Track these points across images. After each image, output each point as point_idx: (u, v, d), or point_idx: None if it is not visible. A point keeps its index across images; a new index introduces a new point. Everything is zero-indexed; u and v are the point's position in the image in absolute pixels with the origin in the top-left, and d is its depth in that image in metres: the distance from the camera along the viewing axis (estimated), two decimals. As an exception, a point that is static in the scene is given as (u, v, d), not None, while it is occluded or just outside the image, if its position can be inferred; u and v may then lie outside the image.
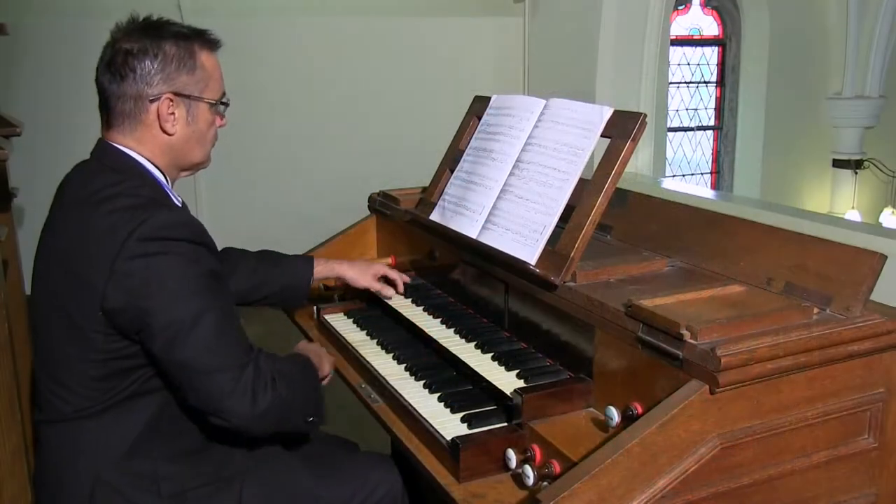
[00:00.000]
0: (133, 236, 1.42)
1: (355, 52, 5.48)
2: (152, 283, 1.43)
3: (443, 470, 1.52)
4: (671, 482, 1.27)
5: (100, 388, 1.51)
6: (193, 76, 1.60)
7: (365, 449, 2.01)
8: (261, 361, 1.52)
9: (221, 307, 1.49)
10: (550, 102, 1.88)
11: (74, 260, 1.48)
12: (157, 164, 1.61)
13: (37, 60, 4.60)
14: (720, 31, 7.34)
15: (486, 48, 5.85)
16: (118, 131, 1.59)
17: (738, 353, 1.27)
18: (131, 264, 1.43)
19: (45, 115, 4.57)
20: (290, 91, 5.35)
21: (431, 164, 2.31)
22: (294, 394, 1.57)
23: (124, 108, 1.57)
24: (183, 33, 1.60)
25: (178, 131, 1.60)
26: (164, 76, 1.56)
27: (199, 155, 1.68)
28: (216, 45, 1.67)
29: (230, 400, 1.46)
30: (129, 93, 1.56)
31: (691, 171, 7.51)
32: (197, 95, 1.61)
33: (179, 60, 1.58)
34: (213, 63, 1.65)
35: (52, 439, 1.57)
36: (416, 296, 2.22)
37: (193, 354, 1.44)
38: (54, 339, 1.53)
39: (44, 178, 4.63)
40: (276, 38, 5.27)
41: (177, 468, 1.57)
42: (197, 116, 1.62)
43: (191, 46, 1.60)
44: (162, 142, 1.60)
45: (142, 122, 1.58)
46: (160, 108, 1.57)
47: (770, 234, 1.61)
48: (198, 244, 1.50)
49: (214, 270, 1.52)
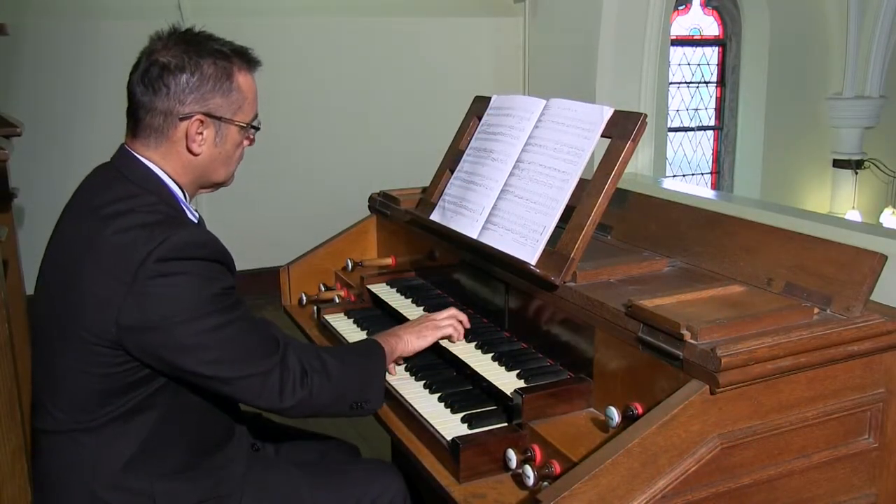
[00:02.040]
0: (152, 256, 1.40)
1: (355, 51, 5.48)
2: (171, 303, 1.42)
3: (443, 470, 1.52)
4: (671, 482, 1.27)
5: (100, 403, 1.49)
6: (228, 98, 1.57)
7: (365, 450, 2.00)
8: (289, 359, 1.53)
9: (239, 318, 1.49)
10: (551, 102, 1.88)
11: (84, 273, 1.45)
12: (178, 181, 1.59)
13: (37, 61, 4.60)
14: (720, 31, 7.34)
15: (487, 49, 5.85)
16: (143, 143, 1.56)
17: (739, 354, 1.27)
18: (151, 283, 1.41)
19: (45, 116, 4.57)
20: (290, 91, 5.35)
21: (432, 164, 2.31)
22: (335, 384, 1.58)
23: (153, 122, 1.54)
24: (223, 52, 1.57)
25: (205, 152, 1.58)
26: (198, 96, 1.53)
27: (223, 175, 1.66)
28: (255, 66, 1.64)
29: (260, 399, 1.50)
30: (160, 108, 1.53)
31: (691, 172, 7.51)
32: (228, 118, 1.58)
33: (216, 81, 1.54)
34: (249, 84, 1.62)
35: (49, 451, 1.55)
36: (417, 296, 2.22)
37: (218, 368, 1.46)
38: (56, 350, 1.51)
39: (44, 178, 4.66)
40: (275, 38, 5.26)
41: (174, 484, 1.55)
42: (226, 138, 1.60)
43: (229, 67, 1.57)
44: (186, 160, 1.57)
45: (168, 138, 1.55)
46: (190, 127, 1.54)
47: (770, 235, 1.61)
48: (214, 262, 1.49)
49: (230, 286, 1.52)
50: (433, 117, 5.41)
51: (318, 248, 2.56)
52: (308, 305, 2.40)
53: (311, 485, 1.71)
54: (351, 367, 1.65)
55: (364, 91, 5.53)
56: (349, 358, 1.68)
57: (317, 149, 5.46)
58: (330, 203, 5.04)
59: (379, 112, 5.59)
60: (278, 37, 5.27)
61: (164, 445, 1.54)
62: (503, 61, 5.89)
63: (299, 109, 5.40)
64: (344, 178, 5.40)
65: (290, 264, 2.53)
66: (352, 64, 5.48)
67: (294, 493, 1.69)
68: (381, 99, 5.58)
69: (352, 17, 5.46)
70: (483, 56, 5.85)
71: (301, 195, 5.42)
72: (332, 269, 2.55)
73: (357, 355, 1.71)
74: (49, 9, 4.65)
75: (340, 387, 1.60)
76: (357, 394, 1.64)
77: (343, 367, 1.62)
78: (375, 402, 1.67)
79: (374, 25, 5.51)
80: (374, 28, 5.51)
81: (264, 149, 6.17)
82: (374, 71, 5.54)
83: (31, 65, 4.57)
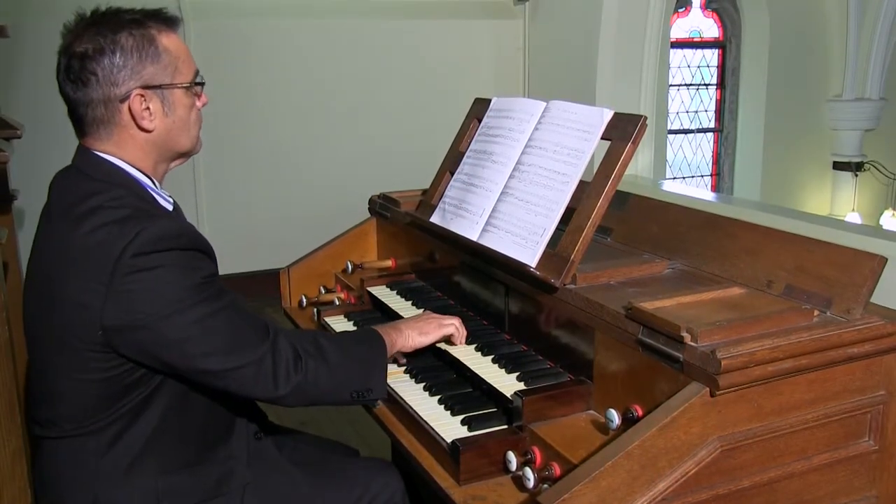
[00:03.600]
0: (127, 252, 1.37)
1: (356, 54, 5.48)
2: (152, 298, 1.39)
3: (443, 472, 1.52)
4: (671, 485, 1.27)
5: (100, 407, 1.48)
6: (159, 63, 1.49)
7: (365, 452, 2.00)
8: (279, 344, 1.50)
9: (224, 307, 1.47)
10: (551, 105, 1.88)
11: (61, 279, 1.42)
12: (141, 167, 1.54)
13: (37, 62, 4.59)
14: (720, 33, 7.35)
15: (487, 51, 5.86)
16: (94, 138, 1.52)
17: (739, 356, 1.27)
18: (129, 280, 1.38)
19: (45, 118, 4.54)
20: (290, 93, 5.35)
21: (432, 166, 2.31)
22: (332, 368, 1.55)
23: (95, 115, 1.49)
24: (136, 20, 1.49)
25: (158, 126, 1.52)
26: (128, 72, 1.46)
27: (186, 143, 1.59)
28: (175, 23, 1.55)
29: (255, 389, 1.49)
30: (96, 97, 1.47)
31: (691, 174, 7.51)
32: (168, 83, 1.51)
33: (140, 51, 1.47)
34: (176, 43, 1.53)
35: (52, 456, 1.54)
36: (417, 298, 2.22)
37: (209, 360, 1.44)
38: (50, 359, 1.50)
39: (44, 180, 4.63)
40: (275, 40, 5.27)
41: (178, 482, 1.55)
42: (174, 105, 1.53)
43: (148, 32, 1.49)
44: (142, 141, 1.52)
45: (117, 124, 1.50)
46: (132, 105, 1.48)
47: (770, 237, 1.61)
48: (191, 250, 1.45)
49: (213, 274, 1.50)
50: (433, 119, 5.41)
51: (319, 251, 2.56)
52: (308, 307, 2.40)
53: (311, 484, 1.71)
54: (350, 352, 1.62)
55: (364, 93, 5.54)
56: (348, 344, 1.65)
57: (317, 151, 5.46)
58: (330, 205, 5.04)
59: (379, 114, 5.59)
60: (279, 39, 5.28)
61: (167, 442, 1.54)
62: (503, 63, 5.89)
63: (299, 112, 5.40)
64: (344, 180, 5.40)
65: (290, 266, 2.53)
66: (352, 66, 5.49)
67: (294, 492, 1.69)
68: (381, 101, 5.59)
69: (352, 20, 5.47)
70: (483, 58, 5.86)
71: (301, 197, 5.42)
72: (332, 272, 2.55)
73: (356, 342, 1.68)
74: (49, 10, 4.64)
75: (339, 372, 1.57)
76: (359, 382, 1.61)
77: (341, 351, 1.59)
78: (378, 390, 1.64)
79: (374, 28, 5.51)
80: (374, 31, 5.51)
81: (264, 151, 6.20)
82: (375, 73, 5.55)
83: (31, 67, 4.57)
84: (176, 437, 1.55)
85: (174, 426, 1.54)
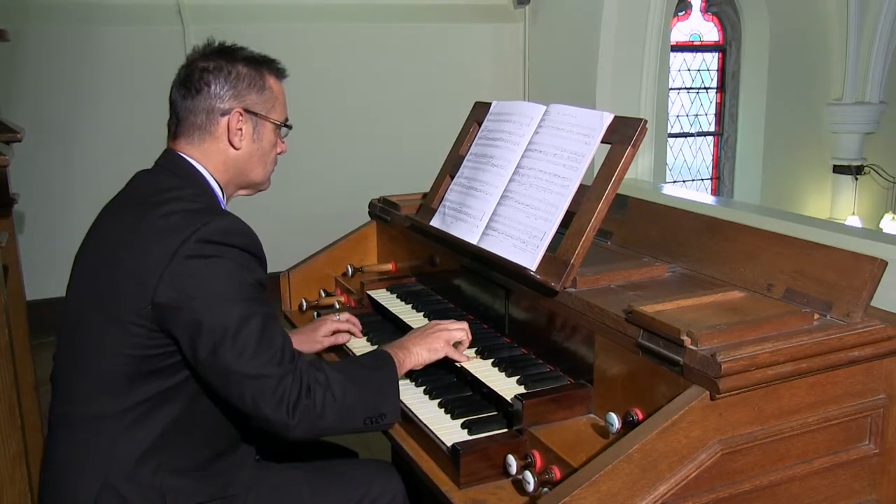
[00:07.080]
0: (193, 237, 1.47)
1: (356, 58, 5.48)
2: (205, 284, 1.47)
3: (443, 476, 1.52)
4: (672, 488, 1.27)
5: (125, 387, 1.52)
6: (262, 96, 1.70)
7: (365, 455, 2.01)
8: (301, 373, 1.52)
9: (266, 315, 1.51)
10: (551, 108, 1.88)
11: (125, 255, 1.51)
12: (218, 178, 1.69)
13: (37, 66, 4.61)
14: (720, 36, 7.35)
15: (487, 54, 5.86)
16: (186, 142, 1.67)
17: (739, 359, 1.27)
18: (188, 263, 1.47)
19: (45, 122, 4.58)
20: (291, 96, 5.33)
21: (432, 169, 2.32)
22: (339, 400, 1.55)
23: (195, 121, 1.66)
24: (254, 58, 1.72)
25: (244, 146, 1.69)
26: (235, 93, 1.66)
27: (260, 174, 1.76)
28: (283, 74, 1.78)
29: (267, 406, 1.47)
30: (202, 106, 1.65)
31: (691, 177, 7.51)
32: (264, 114, 1.71)
33: (250, 80, 1.68)
34: (279, 88, 1.76)
35: (68, 434, 1.58)
36: (417, 302, 2.22)
37: (237, 358, 1.46)
38: (93, 334, 1.55)
39: (44, 184, 4.66)
40: (276, 44, 5.21)
41: (183, 483, 1.57)
42: (262, 135, 1.72)
43: (260, 70, 1.71)
44: (227, 156, 1.68)
45: (211, 133, 1.66)
46: (230, 121, 1.66)
47: (770, 240, 1.61)
48: (251, 254, 1.55)
49: (262, 281, 1.57)
50: (433, 123, 5.41)
51: (319, 254, 2.56)
52: (308, 311, 2.40)
53: (312, 486, 1.72)
54: (359, 380, 1.61)
55: (364, 97, 5.54)
56: (356, 371, 1.64)
57: (317, 154, 5.46)
58: (330, 209, 5.03)
59: (379, 118, 5.59)
60: (278, 43, 5.24)
61: (177, 443, 1.57)
62: (503, 67, 5.89)
63: (299, 115, 5.33)
64: (344, 183, 5.40)
65: (291, 270, 2.53)
66: (352, 70, 5.49)
67: (296, 494, 1.70)
68: (381, 105, 5.59)
69: (352, 24, 5.47)
70: (483, 62, 5.86)
71: (301, 201, 5.41)
72: (332, 275, 2.55)
73: (365, 368, 1.68)
74: (50, 15, 4.66)
75: (348, 402, 1.56)
76: (370, 408, 1.60)
77: (349, 381, 1.58)
78: (392, 415, 1.63)
79: (374, 32, 5.52)
80: (374, 35, 5.52)
81: (265, 154, 6.06)
82: (375, 77, 5.55)
83: (31, 70, 4.58)
84: (187, 440, 1.59)
85: (187, 428, 1.58)
